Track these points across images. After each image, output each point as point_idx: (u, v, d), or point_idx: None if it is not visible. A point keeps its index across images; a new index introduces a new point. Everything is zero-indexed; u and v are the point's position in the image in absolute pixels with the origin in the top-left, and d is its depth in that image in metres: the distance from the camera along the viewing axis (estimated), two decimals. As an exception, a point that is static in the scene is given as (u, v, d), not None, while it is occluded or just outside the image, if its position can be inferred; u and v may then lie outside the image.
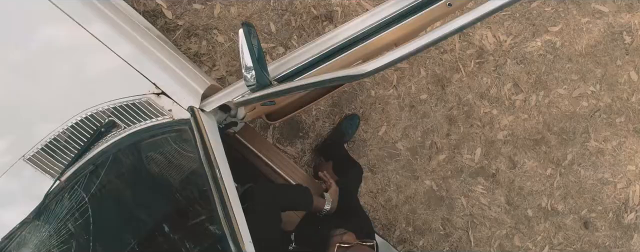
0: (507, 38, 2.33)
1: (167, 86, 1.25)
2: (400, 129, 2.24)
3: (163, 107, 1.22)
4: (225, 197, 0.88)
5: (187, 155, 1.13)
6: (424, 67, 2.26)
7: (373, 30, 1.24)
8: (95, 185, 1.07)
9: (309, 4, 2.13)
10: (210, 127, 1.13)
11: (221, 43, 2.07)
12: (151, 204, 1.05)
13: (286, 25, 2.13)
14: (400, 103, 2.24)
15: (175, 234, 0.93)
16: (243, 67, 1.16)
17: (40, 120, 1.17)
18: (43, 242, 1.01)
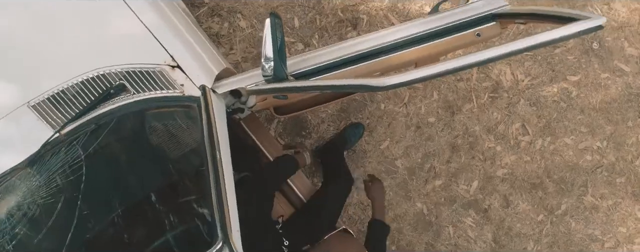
0: (525, 78, 2.38)
1: (183, 61, 1.28)
2: (403, 147, 2.27)
3: (175, 80, 1.26)
4: (221, 181, 0.91)
5: (190, 132, 1.16)
6: (437, 90, 2.31)
7: (397, 46, 1.28)
8: (94, 145, 1.10)
9: (337, 7, 2.18)
10: (218, 109, 1.17)
11: (242, 28, 2.11)
12: (145, 174, 1.07)
13: (310, 23, 2.18)
14: (408, 122, 2.28)
15: (162, 207, 0.95)
16: (263, 57, 1.19)
17: (52, 70, 1.20)
18: (31, 191, 1.03)
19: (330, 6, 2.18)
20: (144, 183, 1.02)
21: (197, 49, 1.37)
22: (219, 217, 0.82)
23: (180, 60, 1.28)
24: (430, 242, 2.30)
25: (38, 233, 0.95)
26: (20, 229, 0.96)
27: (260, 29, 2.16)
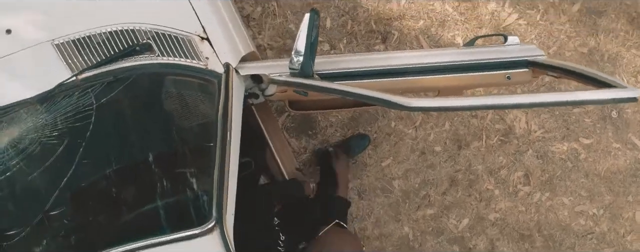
0: (538, 130, 2.43)
1: (214, 34, 1.32)
2: (403, 169, 2.30)
3: (202, 52, 1.29)
4: (227, 161, 0.93)
5: (204, 106, 1.19)
6: (450, 121, 2.34)
7: (425, 70, 1.33)
8: (107, 97, 1.13)
9: (371, 17, 2.23)
10: (237, 90, 1.20)
11: (274, 16, 2.16)
12: (150, 136, 1.09)
13: (341, 26, 2.23)
14: (414, 145, 2.31)
15: (160, 173, 0.98)
16: (293, 50, 1.23)
17: (84, 14, 1.24)
18: (36, 128, 1.05)
19: (365, 15, 2.23)
20: (147, 145, 1.05)
21: (230, 27, 1.41)
22: (217, 197, 0.84)
23: (211, 33, 1.32)
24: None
25: (33, 171, 0.97)
26: (16, 162, 0.98)
27: (291, 21, 2.21)
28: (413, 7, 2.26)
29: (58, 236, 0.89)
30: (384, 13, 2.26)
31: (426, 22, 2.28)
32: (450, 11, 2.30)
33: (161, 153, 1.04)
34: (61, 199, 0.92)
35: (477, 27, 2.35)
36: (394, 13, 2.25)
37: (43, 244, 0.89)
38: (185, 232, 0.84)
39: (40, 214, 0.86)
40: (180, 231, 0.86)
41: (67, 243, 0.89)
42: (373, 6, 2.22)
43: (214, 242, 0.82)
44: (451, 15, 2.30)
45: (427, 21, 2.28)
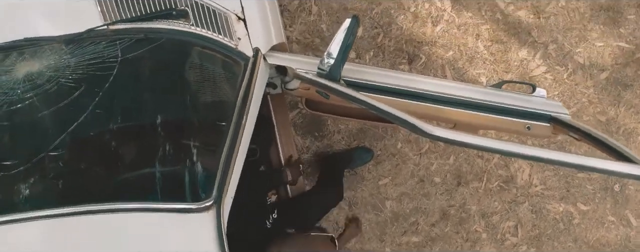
0: (539, 185, 2.47)
1: (251, 17, 1.35)
2: (399, 191, 2.33)
3: (236, 32, 1.32)
4: (237, 144, 0.94)
5: (225, 85, 1.22)
6: (455, 156, 2.37)
7: (448, 100, 1.37)
8: (133, 53, 1.15)
9: (404, 36, 2.28)
10: (262, 76, 1.22)
11: (309, 13, 2.19)
12: (166, 102, 1.12)
13: (372, 38, 2.27)
14: (415, 171, 2.34)
15: (167, 140, 1.00)
16: (326, 52, 1.27)
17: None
18: (57, 67, 1.07)
19: (398, 32, 2.28)
20: (160, 109, 1.06)
21: (268, 14, 1.44)
22: (220, 178, 0.85)
23: (249, 15, 1.35)
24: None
25: (45, 109, 0.99)
26: (30, 96, 0.99)
27: (324, 21, 2.25)
28: (446, 36, 2.31)
29: (52, 178, 0.90)
30: (416, 35, 2.31)
31: (455, 54, 2.33)
32: (481, 49, 2.36)
33: (172, 120, 1.06)
34: (64, 143, 0.93)
35: (504, 70, 2.40)
36: (426, 37, 2.30)
37: (35, 183, 0.91)
38: (180, 204, 0.85)
39: (43, 153, 0.88)
40: (173, 202, 0.88)
41: (59, 187, 0.90)
42: (408, 26, 2.26)
43: (208, 221, 0.82)
44: (481, 53, 2.35)
45: (457, 53, 2.33)
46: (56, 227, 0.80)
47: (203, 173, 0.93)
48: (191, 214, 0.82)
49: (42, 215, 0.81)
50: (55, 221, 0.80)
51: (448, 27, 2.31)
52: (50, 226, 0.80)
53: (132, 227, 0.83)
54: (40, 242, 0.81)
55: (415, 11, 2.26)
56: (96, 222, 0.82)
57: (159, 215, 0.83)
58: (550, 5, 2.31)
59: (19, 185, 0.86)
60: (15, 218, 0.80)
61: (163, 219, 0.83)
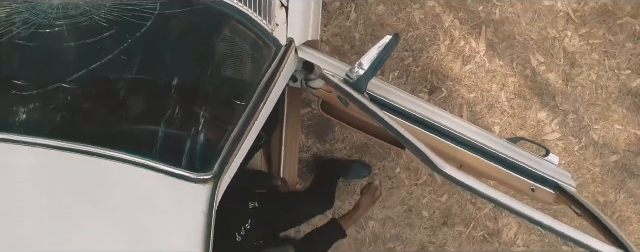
0: (522, 247, 2.49)
1: (294, 7, 1.38)
2: (385, 215, 2.36)
3: (276, 18, 1.35)
4: (249, 126, 0.95)
5: (250, 67, 1.24)
6: (449, 196, 2.39)
7: (461, 141, 1.40)
8: (171, 11, 1.16)
9: (431, 66, 2.32)
10: (289, 67, 1.25)
11: (347, 18, 2.23)
12: (189, 67, 1.14)
13: (400, 60, 2.32)
14: (406, 199, 2.36)
15: (179, 104, 1.02)
16: (358, 63, 1.30)
17: None
18: (93, 4, 1.07)
19: (427, 61, 2.32)
20: (182, 72, 1.08)
21: (311, 8, 1.47)
22: (225, 155, 0.86)
23: (293, 5, 1.38)
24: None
25: (71, 41, 0.99)
26: (61, 24, 1.00)
27: (359, 31, 2.28)
28: (473, 78, 2.36)
29: (59, 110, 0.91)
30: (444, 68, 2.36)
31: (477, 98, 2.38)
32: (503, 100, 2.41)
33: (189, 85, 1.07)
34: (81, 79, 0.94)
35: (519, 127, 2.45)
36: (452, 73, 2.35)
37: (42, 110, 0.92)
38: (179, 170, 0.86)
39: (59, 83, 0.89)
40: (172, 166, 0.89)
41: (63, 121, 0.90)
42: (438, 57, 2.31)
43: (202, 194, 0.83)
44: (502, 104, 2.40)
45: (478, 97, 2.38)
46: (49, 159, 0.81)
47: (207, 146, 0.94)
48: (187, 182, 0.83)
49: (38, 142, 0.82)
50: (50, 152, 0.80)
51: (477, 69, 2.37)
52: (43, 155, 0.81)
53: (123, 179, 0.83)
54: (26, 169, 0.81)
55: (450, 45, 2.31)
56: (89, 165, 0.82)
57: (153, 174, 0.83)
58: (581, 76, 2.37)
59: (27, 107, 0.87)
60: (10, 138, 0.82)
61: (156, 181, 0.84)
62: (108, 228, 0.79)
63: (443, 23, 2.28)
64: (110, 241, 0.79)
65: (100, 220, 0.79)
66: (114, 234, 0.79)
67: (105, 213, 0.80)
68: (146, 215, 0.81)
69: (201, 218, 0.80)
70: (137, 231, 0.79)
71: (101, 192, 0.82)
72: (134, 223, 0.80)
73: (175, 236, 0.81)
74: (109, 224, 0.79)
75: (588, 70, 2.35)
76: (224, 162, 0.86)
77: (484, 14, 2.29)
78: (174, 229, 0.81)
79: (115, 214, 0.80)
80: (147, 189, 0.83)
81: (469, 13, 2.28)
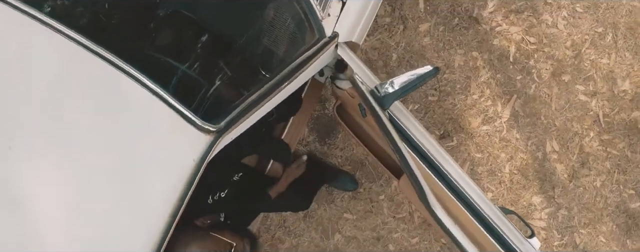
0: None
1: (351, 6, 1.44)
2: (353, 234, 2.39)
3: (330, 8, 1.39)
4: (268, 98, 1.00)
5: (288, 44, 1.29)
6: (420, 239, 2.39)
7: (457, 192, 1.45)
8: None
9: (452, 113, 2.37)
10: (323, 58, 1.27)
11: (391, 36, 2.29)
12: (231, 21, 1.16)
13: (425, 95, 2.37)
14: (378, 227, 2.39)
15: (206, 52, 1.04)
16: (390, 80, 1.34)
17: None
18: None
19: (449, 106, 2.38)
20: (223, 22, 1.11)
21: (367, 11, 1.53)
22: (236, 115, 0.88)
23: (350, 3, 1.44)
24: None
25: None
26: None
27: (398, 52, 2.33)
28: (486, 138, 2.42)
29: (93, 12, 0.93)
30: (462, 119, 2.42)
31: (482, 159, 2.44)
32: (506, 171, 2.47)
33: (225, 38, 1.11)
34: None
35: (510, 202, 2.51)
36: (469, 127, 2.41)
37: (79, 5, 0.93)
38: (188, 111, 0.89)
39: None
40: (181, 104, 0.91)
41: (94, 23, 0.93)
42: (461, 107, 2.38)
43: (200, 143, 0.85)
44: (503, 174, 2.46)
45: (483, 159, 2.44)
46: (70, 53, 0.82)
47: (220, 101, 0.97)
48: (191, 126, 0.85)
49: (67, 33, 0.82)
50: (75, 47, 0.81)
51: (493, 132, 2.43)
52: (66, 47, 0.82)
53: (133, 99, 0.84)
54: (45, 55, 0.82)
55: (477, 100, 2.38)
56: (105, 73, 0.83)
57: (163, 106, 0.85)
58: (587, 178, 2.45)
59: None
60: (40, 18, 0.82)
61: (163, 113, 0.85)
62: (99, 139, 0.81)
63: (479, 77, 2.36)
64: (96, 151, 0.81)
65: (94, 129, 0.81)
66: (103, 147, 0.80)
67: (102, 124, 0.82)
68: (140, 142, 0.83)
69: (190, 165, 0.83)
70: (125, 154, 0.81)
71: (106, 103, 0.84)
72: (126, 145, 0.82)
73: (159, 174, 0.83)
74: (102, 135, 0.81)
75: (596, 175, 2.43)
76: (232, 121, 0.88)
77: (520, 84, 2.37)
78: (160, 166, 0.83)
79: (112, 129, 0.82)
80: (152, 118, 0.85)
81: (506, 77, 2.36)
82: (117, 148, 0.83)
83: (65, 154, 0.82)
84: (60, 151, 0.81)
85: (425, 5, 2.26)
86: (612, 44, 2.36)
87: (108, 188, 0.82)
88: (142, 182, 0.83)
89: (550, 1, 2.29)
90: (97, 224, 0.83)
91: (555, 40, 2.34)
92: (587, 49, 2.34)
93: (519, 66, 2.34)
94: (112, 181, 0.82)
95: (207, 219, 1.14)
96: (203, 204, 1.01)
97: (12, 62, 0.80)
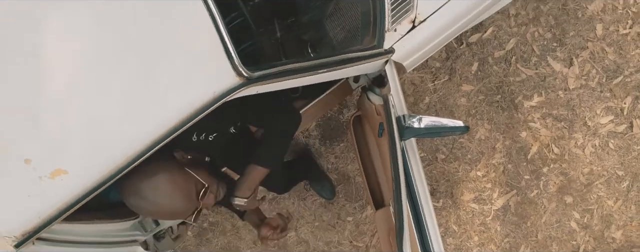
0: None
1: (419, 33, 1.47)
2: (307, 237, 2.43)
3: (399, 25, 1.41)
4: (307, 74, 1.04)
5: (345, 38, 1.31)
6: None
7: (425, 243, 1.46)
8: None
9: (451, 178, 2.36)
10: (369, 67, 1.30)
11: (432, 81, 2.32)
12: None
13: (435, 149, 2.36)
14: (333, 242, 2.42)
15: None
16: (420, 116, 1.37)
17: None
18: None
19: (451, 170, 2.36)
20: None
21: (428, 47, 1.57)
22: (268, 73, 0.91)
23: (419, 30, 1.47)
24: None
25: None
26: None
27: (432, 97, 2.32)
28: (470, 215, 2.41)
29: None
30: (457, 188, 2.42)
31: (455, 232, 2.40)
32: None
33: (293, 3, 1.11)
34: None
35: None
36: (459, 197, 2.40)
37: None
38: (232, 46, 0.88)
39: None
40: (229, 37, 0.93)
41: None
42: (462, 176, 2.38)
43: (227, 80, 0.86)
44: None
45: (457, 233, 2.41)
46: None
47: (261, 56, 0.99)
48: (228, 62, 0.84)
49: None
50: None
51: (478, 214, 2.41)
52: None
53: (188, 12, 0.84)
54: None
55: (479, 177, 2.39)
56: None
57: (212, 31, 0.84)
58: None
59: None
60: None
61: (209, 37, 0.84)
62: (139, 32, 0.81)
63: (492, 157, 2.38)
64: (133, 41, 0.81)
65: (139, 21, 0.81)
66: (140, 41, 0.80)
67: (148, 20, 0.82)
68: (175, 52, 0.83)
69: (207, 96, 0.83)
70: (157, 56, 0.81)
71: (161, 4, 0.85)
72: (162, 49, 0.82)
73: (177, 89, 0.83)
74: (144, 30, 0.82)
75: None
76: (264, 77, 0.90)
77: (525, 184, 2.39)
78: (181, 82, 0.84)
79: (155, 28, 0.82)
80: (197, 37, 0.85)
81: (516, 171, 2.38)
82: (152, 47, 0.83)
83: (103, 29, 0.82)
84: (100, 25, 0.81)
85: (477, 69, 2.30)
86: (625, 191, 2.38)
87: (131, 75, 0.82)
88: (160, 88, 0.83)
89: (589, 124, 2.32)
90: (107, 101, 0.83)
91: (576, 162, 2.37)
92: (600, 184, 2.36)
93: (532, 167, 2.37)
94: (137, 71, 0.82)
95: (189, 154, 1.13)
96: (185, 139, 1.00)
97: None
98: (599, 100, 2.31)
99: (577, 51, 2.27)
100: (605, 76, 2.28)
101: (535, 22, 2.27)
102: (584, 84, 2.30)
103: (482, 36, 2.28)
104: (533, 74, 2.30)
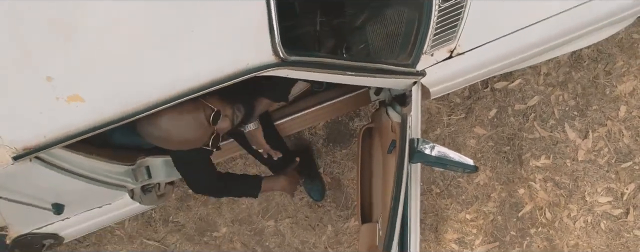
0: None
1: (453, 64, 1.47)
2: (284, 233, 2.42)
3: (437, 50, 1.41)
4: (328, 71, 1.06)
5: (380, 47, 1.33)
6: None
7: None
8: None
9: (439, 214, 2.28)
10: (396, 82, 1.33)
11: (448, 116, 2.30)
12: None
13: (432, 182, 2.31)
14: (304, 246, 2.40)
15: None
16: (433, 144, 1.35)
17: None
18: None
19: (441, 207, 2.29)
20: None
21: (458, 81, 1.57)
22: (299, 61, 0.93)
23: (454, 63, 1.47)
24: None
25: None
26: None
27: (442, 133, 2.28)
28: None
29: None
30: (442, 225, 2.34)
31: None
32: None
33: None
34: None
35: None
36: (441, 234, 2.32)
37: None
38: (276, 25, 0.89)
39: None
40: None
41: None
42: (451, 215, 2.30)
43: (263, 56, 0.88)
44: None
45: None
46: None
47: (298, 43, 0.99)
48: (269, 38, 0.85)
49: None
50: None
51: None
52: None
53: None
54: None
55: (467, 220, 2.33)
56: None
57: (263, 7, 0.87)
58: None
59: None
60: None
61: (258, 12, 0.85)
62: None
63: (484, 204, 2.35)
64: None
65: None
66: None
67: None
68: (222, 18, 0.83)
69: (240, 65, 0.83)
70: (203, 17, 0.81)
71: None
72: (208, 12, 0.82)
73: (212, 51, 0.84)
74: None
75: None
76: (297, 63, 0.90)
77: (509, 239, 2.36)
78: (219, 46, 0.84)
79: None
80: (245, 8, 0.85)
81: (504, 225, 2.34)
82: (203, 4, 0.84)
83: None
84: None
85: (495, 116, 2.30)
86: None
87: (177, 24, 0.83)
88: (199, 45, 0.84)
89: (587, 199, 2.29)
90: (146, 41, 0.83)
91: (564, 232, 2.32)
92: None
93: (520, 225, 2.34)
94: (185, 23, 0.83)
95: None
96: None
97: None
98: (603, 179, 2.30)
99: (595, 126, 2.26)
100: (615, 157, 2.27)
101: (563, 87, 2.27)
102: (593, 159, 2.28)
103: (509, 85, 2.28)
104: (547, 135, 2.29)
